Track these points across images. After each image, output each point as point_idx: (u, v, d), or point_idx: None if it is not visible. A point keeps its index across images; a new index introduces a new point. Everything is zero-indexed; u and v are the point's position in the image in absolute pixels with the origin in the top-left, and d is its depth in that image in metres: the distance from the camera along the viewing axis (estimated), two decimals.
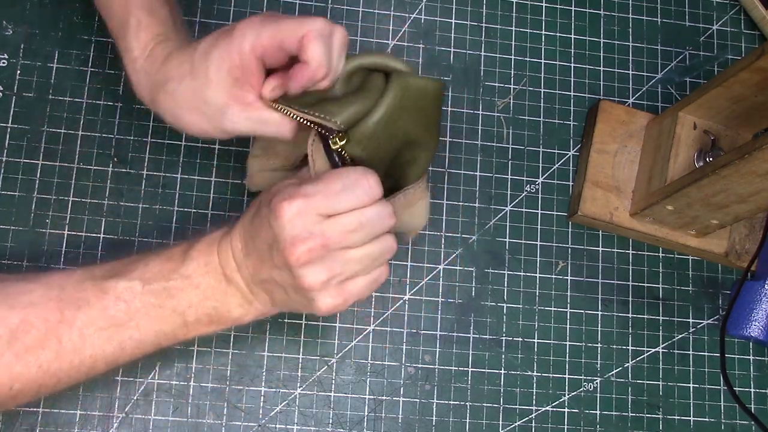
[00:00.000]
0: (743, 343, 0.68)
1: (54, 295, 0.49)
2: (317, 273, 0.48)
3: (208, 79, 0.50)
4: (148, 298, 0.50)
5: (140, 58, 0.53)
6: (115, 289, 0.50)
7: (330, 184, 0.48)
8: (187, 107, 0.51)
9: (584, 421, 0.65)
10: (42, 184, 0.63)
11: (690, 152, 0.63)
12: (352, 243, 0.48)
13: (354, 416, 0.63)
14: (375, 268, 0.50)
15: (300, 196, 0.47)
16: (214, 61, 0.49)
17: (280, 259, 0.48)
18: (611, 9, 0.73)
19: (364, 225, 0.48)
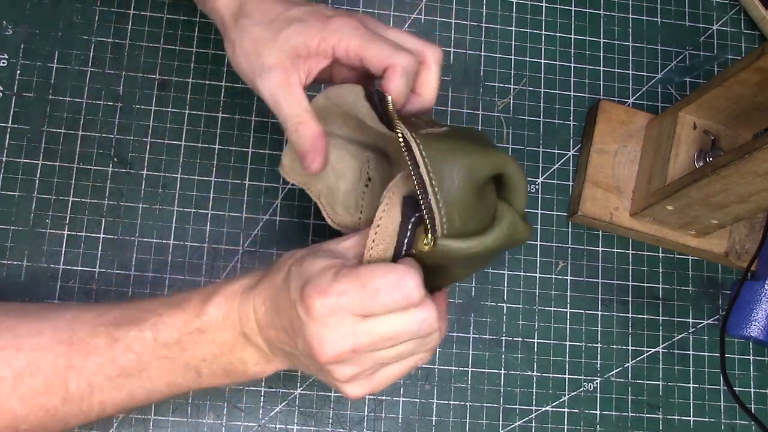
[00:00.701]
0: (743, 343, 0.68)
1: (64, 338, 0.47)
2: (345, 370, 0.44)
3: (277, 38, 0.48)
4: (160, 350, 0.47)
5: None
6: (126, 339, 0.47)
7: (368, 283, 0.42)
8: (242, 47, 0.50)
9: (584, 421, 0.65)
10: (42, 184, 0.63)
11: (690, 152, 0.63)
12: (395, 348, 0.44)
13: (354, 416, 0.63)
14: (413, 356, 0.46)
15: (334, 293, 0.42)
16: (294, 29, 0.48)
17: (303, 351, 0.44)
18: (611, 9, 0.73)
19: (400, 333, 0.43)
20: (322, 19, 0.49)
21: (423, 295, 0.43)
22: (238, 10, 0.51)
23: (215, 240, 0.64)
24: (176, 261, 0.63)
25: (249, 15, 0.50)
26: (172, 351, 0.47)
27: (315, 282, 0.43)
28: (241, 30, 0.50)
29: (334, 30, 0.48)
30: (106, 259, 0.63)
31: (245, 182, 0.65)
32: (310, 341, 0.43)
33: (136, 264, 0.63)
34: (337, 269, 0.43)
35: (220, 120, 0.66)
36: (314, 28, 0.48)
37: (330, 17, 0.49)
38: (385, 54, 0.47)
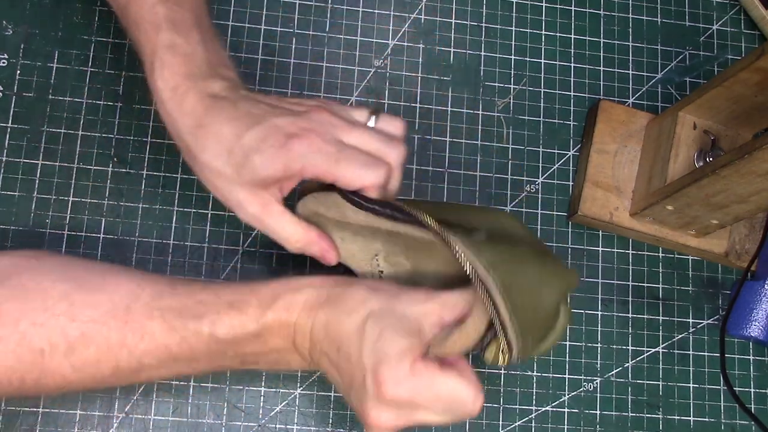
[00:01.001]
0: (743, 343, 0.68)
1: (119, 315, 0.48)
2: (388, 417, 0.46)
3: (240, 173, 0.49)
4: (214, 345, 0.49)
5: (168, 100, 0.51)
6: (183, 331, 0.48)
7: (443, 395, 0.46)
8: (205, 176, 0.52)
9: (584, 421, 0.65)
10: (42, 184, 0.63)
11: (690, 152, 0.63)
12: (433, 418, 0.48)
13: (354, 416, 0.63)
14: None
15: (407, 389, 0.45)
16: (254, 163, 0.49)
17: (357, 408, 0.47)
18: (611, 9, 0.73)
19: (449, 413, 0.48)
20: (279, 142, 0.48)
21: (476, 412, 0.48)
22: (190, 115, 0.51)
23: (215, 240, 0.64)
24: (176, 261, 0.63)
25: (202, 139, 0.50)
26: (225, 346, 0.49)
27: (393, 370, 0.45)
28: (200, 163, 0.51)
29: (296, 156, 0.49)
30: (106, 259, 0.63)
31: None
32: (367, 411, 0.46)
33: (136, 264, 0.63)
34: (415, 357, 0.45)
35: None
36: (274, 158, 0.48)
37: (288, 137, 0.48)
38: (355, 175, 0.49)
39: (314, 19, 0.69)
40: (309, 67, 0.68)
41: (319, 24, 0.69)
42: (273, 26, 0.69)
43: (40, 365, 0.47)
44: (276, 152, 0.48)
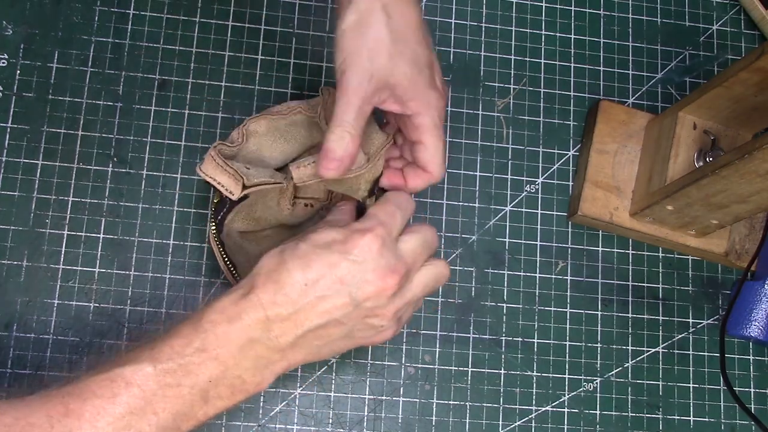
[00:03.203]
0: (743, 343, 0.68)
1: (53, 393, 0.44)
2: (396, 303, 0.49)
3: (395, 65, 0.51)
4: (163, 378, 0.45)
5: None
6: (123, 376, 0.45)
7: (388, 209, 0.50)
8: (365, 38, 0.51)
9: (584, 421, 0.65)
10: (42, 184, 0.63)
11: (690, 152, 0.63)
12: (420, 263, 0.51)
13: (354, 416, 0.63)
14: (427, 295, 0.53)
15: (377, 224, 0.49)
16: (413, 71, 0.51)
17: (365, 292, 0.48)
18: (611, 9, 0.73)
19: (426, 242, 0.51)
20: (430, 83, 0.52)
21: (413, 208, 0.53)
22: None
23: None
24: (176, 261, 0.63)
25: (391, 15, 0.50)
26: (176, 376, 0.46)
27: (353, 229, 0.49)
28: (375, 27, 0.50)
29: (428, 104, 0.52)
30: (106, 259, 0.63)
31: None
32: (375, 276, 0.48)
33: (136, 264, 0.63)
34: (341, 220, 0.51)
35: (220, 120, 0.66)
36: (420, 89, 0.51)
37: (434, 87, 0.52)
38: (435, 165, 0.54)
39: (314, 19, 0.69)
40: (309, 67, 0.68)
41: (319, 24, 0.69)
42: (273, 26, 0.69)
43: None
44: (424, 85, 0.52)
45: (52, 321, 0.61)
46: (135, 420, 0.44)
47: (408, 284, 0.50)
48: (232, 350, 0.47)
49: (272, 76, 0.68)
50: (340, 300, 0.48)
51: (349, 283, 0.48)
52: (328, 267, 0.48)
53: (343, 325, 0.49)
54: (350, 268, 0.48)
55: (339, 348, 0.51)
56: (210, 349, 0.46)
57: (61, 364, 0.61)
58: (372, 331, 0.51)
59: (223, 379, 0.47)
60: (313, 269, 0.48)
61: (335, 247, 0.48)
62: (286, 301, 0.47)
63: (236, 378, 0.48)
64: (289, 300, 0.47)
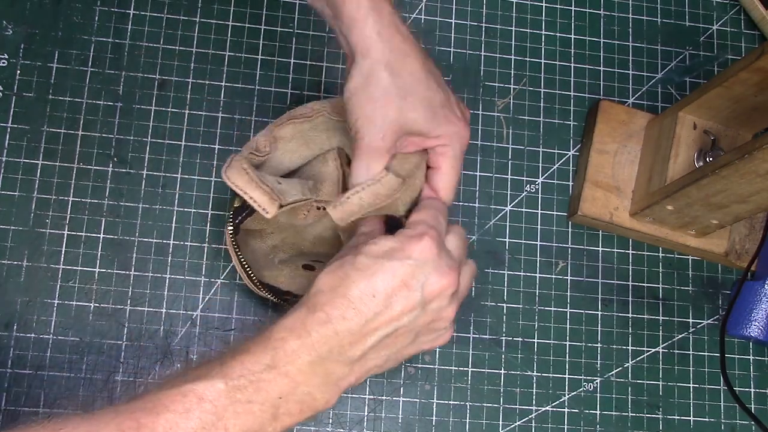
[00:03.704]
0: (743, 343, 0.68)
1: (123, 408, 0.44)
2: (456, 302, 0.51)
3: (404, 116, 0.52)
4: (234, 394, 0.45)
5: None
6: (195, 391, 0.44)
7: (431, 213, 0.52)
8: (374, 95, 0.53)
9: (584, 421, 0.65)
10: (42, 184, 0.63)
11: (690, 152, 0.63)
12: (463, 262, 0.53)
13: (354, 416, 0.63)
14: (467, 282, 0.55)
15: (427, 227, 0.51)
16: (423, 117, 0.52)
17: (431, 293, 0.49)
18: (611, 9, 0.73)
19: (463, 237, 0.54)
20: (448, 118, 0.53)
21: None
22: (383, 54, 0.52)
23: (215, 240, 0.64)
24: (176, 261, 0.63)
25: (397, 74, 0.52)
26: (247, 393, 0.45)
27: (407, 235, 0.50)
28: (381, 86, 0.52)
29: (449, 137, 0.53)
30: (106, 259, 0.63)
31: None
32: (438, 277, 0.49)
33: (136, 264, 0.63)
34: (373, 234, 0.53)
35: (220, 120, 0.66)
36: (439, 127, 0.53)
37: (454, 120, 0.53)
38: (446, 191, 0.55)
39: (314, 19, 0.69)
40: (309, 67, 0.68)
41: (319, 24, 0.69)
42: (273, 26, 0.69)
43: None
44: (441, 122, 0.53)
45: (52, 321, 0.61)
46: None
47: (460, 282, 0.52)
48: (302, 367, 0.47)
49: (272, 76, 0.68)
50: (408, 304, 0.49)
51: (415, 287, 0.48)
52: (392, 275, 0.48)
53: (410, 331, 0.50)
54: (414, 271, 0.48)
55: (404, 356, 0.52)
56: (280, 366, 0.46)
57: (61, 364, 0.61)
58: (435, 335, 0.52)
59: (292, 395, 0.47)
60: (378, 278, 0.48)
61: (395, 255, 0.49)
62: (356, 314, 0.47)
63: (306, 395, 0.47)
64: (359, 313, 0.47)
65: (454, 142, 0.54)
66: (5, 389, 0.60)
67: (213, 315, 0.63)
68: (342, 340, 0.47)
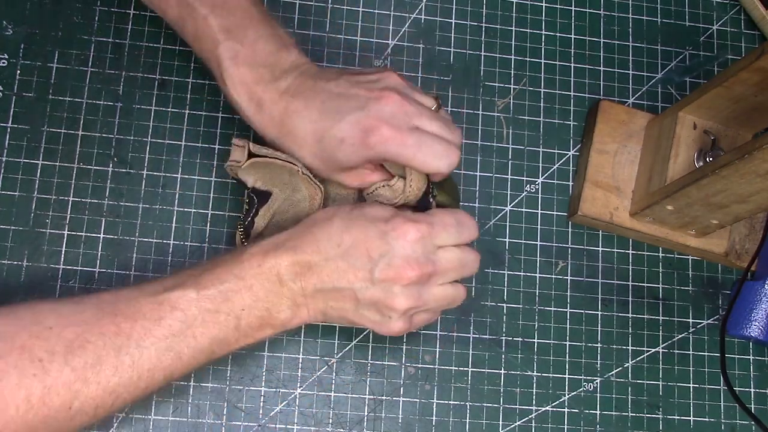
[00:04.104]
0: (743, 343, 0.68)
1: (107, 311, 0.49)
2: (408, 298, 0.52)
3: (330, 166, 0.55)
4: (204, 303, 0.50)
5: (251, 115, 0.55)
6: (170, 300, 0.50)
7: (446, 218, 0.53)
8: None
9: (584, 421, 0.65)
10: (42, 184, 0.63)
11: (690, 152, 0.63)
12: (449, 278, 0.54)
13: (354, 416, 0.63)
14: (441, 309, 0.56)
15: (425, 223, 0.52)
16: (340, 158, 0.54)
17: (384, 273, 0.51)
18: (611, 9, 0.73)
19: (463, 264, 0.54)
20: (359, 139, 0.52)
21: (478, 234, 0.55)
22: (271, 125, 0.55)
23: (215, 240, 0.64)
24: (176, 261, 0.63)
25: (290, 144, 0.55)
26: (215, 302, 0.50)
27: (403, 215, 0.52)
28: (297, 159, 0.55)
29: (376, 150, 0.52)
30: (106, 259, 0.63)
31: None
32: (399, 262, 0.51)
33: (136, 264, 0.63)
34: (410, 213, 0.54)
35: (220, 120, 0.66)
36: (356, 154, 0.53)
37: (366, 133, 0.52)
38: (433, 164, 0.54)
39: (314, 19, 0.69)
40: None
41: (319, 24, 0.69)
42: None
43: (41, 378, 0.46)
44: (356, 149, 0.53)
45: None
46: (176, 342, 0.49)
47: (428, 287, 0.53)
48: (264, 283, 0.51)
49: None
50: (361, 272, 0.51)
51: (375, 260, 0.51)
52: (363, 238, 0.51)
53: (357, 300, 0.52)
54: (381, 247, 0.51)
55: (347, 320, 0.54)
56: (246, 278, 0.51)
57: None
58: (379, 317, 0.53)
59: (253, 308, 0.51)
60: (351, 234, 0.51)
61: (378, 224, 0.51)
62: (316, 252, 0.51)
63: (265, 310, 0.52)
64: (319, 252, 0.51)
65: (389, 145, 0.52)
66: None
67: None
68: (297, 269, 0.52)
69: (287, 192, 0.57)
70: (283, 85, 0.54)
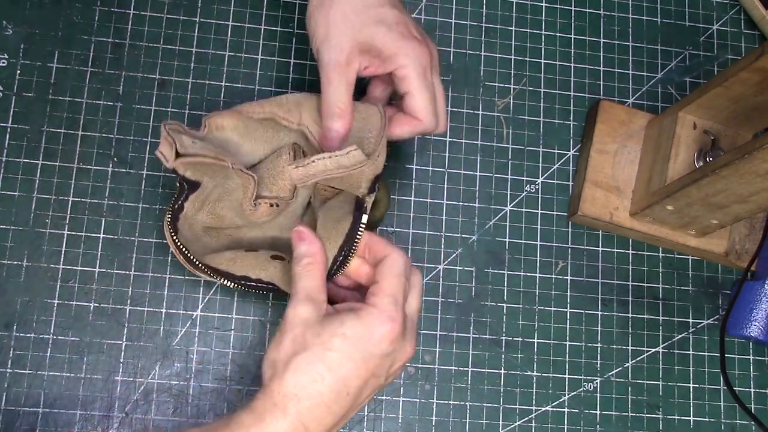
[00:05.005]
0: (743, 343, 0.68)
1: None
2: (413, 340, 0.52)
3: (361, 29, 0.55)
4: None
5: None
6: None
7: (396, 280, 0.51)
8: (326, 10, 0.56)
9: (584, 421, 0.65)
10: (42, 184, 0.63)
11: (690, 152, 0.63)
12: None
13: (354, 416, 0.63)
14: None
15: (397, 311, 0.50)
16: (378, 31, 0.54)
17: (396, 370, 0.52)
18: (611, 9, 0.73)
19: (420, 295, 0.54)
20: (404, 35, 0.54)
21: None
22: None
23: None
24: (176, 261, 0.63)
25: None
26: None
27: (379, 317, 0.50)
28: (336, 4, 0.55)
29: (406, 54, 0.54)
30: (106, 259, 0.63)
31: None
32: (401, 357, 0.51)
33: (136, 264, 0.63)
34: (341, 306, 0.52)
35: None
36: (394, 42, 0.54)
37: (409, 38, 0.55)
38: (424, 113, 0.56)
39: None
40: (309, 67, 0.68)
41: None
42: (273, 26, 0.69)
43: None
44: (397, 37, 0.54)
45: (52, 321, 0.61)
46: None
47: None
48: None
49: (272, 76, 0.68)
50: (377, 387, 0.51)
51: (382, 374, 0.51)
52: (364, 370, 0.49)
53: (373, 390, 0.52)
54: (382, 362, 0.50)
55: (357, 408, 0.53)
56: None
57: (61, 364, 0.61)
58: (395, 374, 0.53)
59: None
60: (351, 377, 0.49)
61: (363, 345, 0.49)
62: (328, 413, 0.49)
63: None
64: (332, 413, 0.49)
65: (413, 60, 0.55)
66: (5, 389, 0.60)
67: (213, 315, 0.63)
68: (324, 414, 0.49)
69: (218, 179, 0.56)
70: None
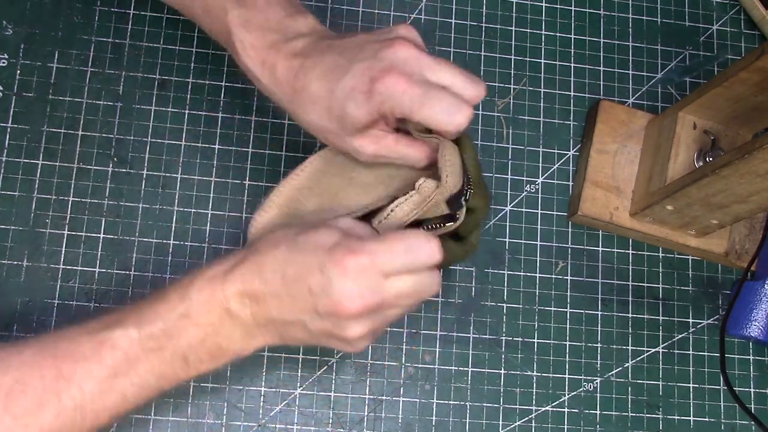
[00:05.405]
0: (743, 343, 0.68)
1: (48, 352, 0.47)
2: (362, 326, 0.48)
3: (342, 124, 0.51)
4: (146, 342, 0.48)
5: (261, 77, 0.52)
6: (110, 339, 0.48)
7: (394, 244, 0.47)
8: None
9: (584, 421, 0.65)
10: (42, 184, 0.63)
11: (690, 152, 0.63)
12: (403, 306, 0.49)
13: (354, 416, 0.63)
14: (410, 306, 0.51)
15: (365, 252, 0.46)
16: (350, 111, 0.49)
17: (327, 308, 0.47)
18: (611, 9, 0.73)
19: (418, 291, 0.49)
20: (366, 87, 0.49)
21: (440, 259, 0.48)
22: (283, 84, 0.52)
23: (215, 240, 0.64)
24: (176, 261, 0.63)
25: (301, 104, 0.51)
26: (159, 341, 0.48)
27: (344, 244, 0.47)
28: (306, 124, 0.53)
29: (382, 99, 0.48)
30: (106, 259, 0.63)
31: (245, 182, 0.65)
32: (338, 297, 0.46)
33: (136, 264, 0.63)
34: (361, 234, 0.49)
35: (220, 120, 0.66)
36: (364, 104, 0.49)
37: (373, 81, 0.48)
38: (441, 119, 0.49)
39: None
40: None
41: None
42: None
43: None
44: (364, 98, 0.49)
45: (52, 321, 0.61)
46: (118, 381, 0.48)
47: (380, 313, 0.49)
48: (212, 318, 0.49)
49: None
50: (306, 306, 0.48)
51: (316, 294, 0.47)
52: (305, 271, 0.47)
53: (309, 330, 0.49)
54: (321, 281, 0.47)
55: (308, 343, 0.52)
56: (192, 316, 0.49)
57: None
58: (336, 342, 0.50)
59: (202, 344, 0.49)
60: (293, 266, 0.48)
61: (319, 254, 0.47)
62: (262, 283, 0.48)
63: (215, 345, 0.49)
64: (265, 283, 0.48)
65: (393, 95, 0.48)
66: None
67: None
68: (246, 301, 0.49)
69: None
70: (297, 46, 0.51)
